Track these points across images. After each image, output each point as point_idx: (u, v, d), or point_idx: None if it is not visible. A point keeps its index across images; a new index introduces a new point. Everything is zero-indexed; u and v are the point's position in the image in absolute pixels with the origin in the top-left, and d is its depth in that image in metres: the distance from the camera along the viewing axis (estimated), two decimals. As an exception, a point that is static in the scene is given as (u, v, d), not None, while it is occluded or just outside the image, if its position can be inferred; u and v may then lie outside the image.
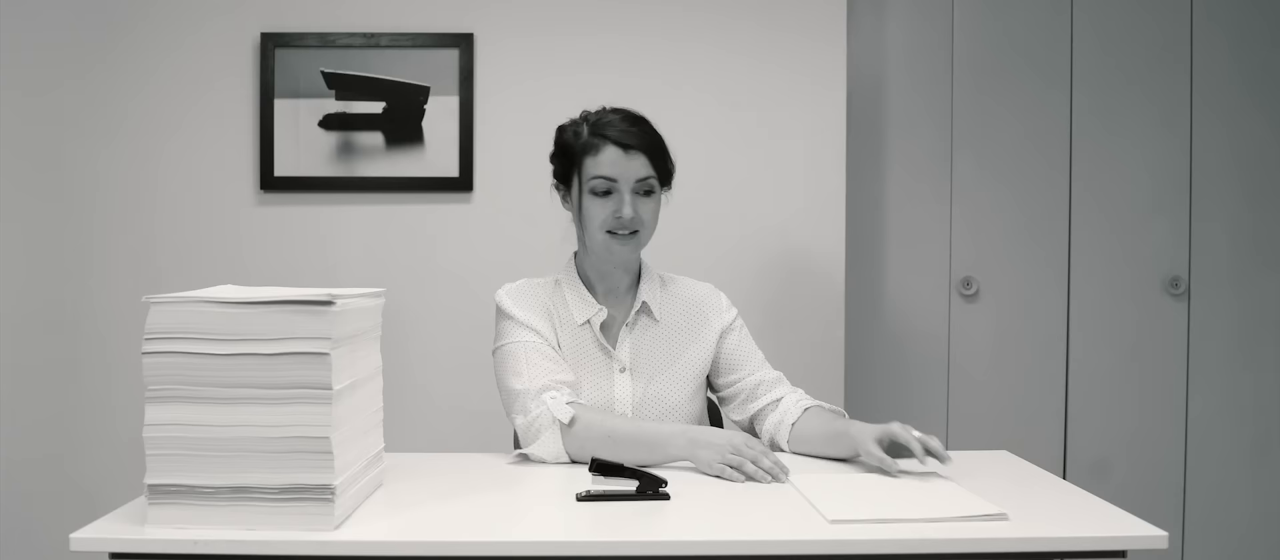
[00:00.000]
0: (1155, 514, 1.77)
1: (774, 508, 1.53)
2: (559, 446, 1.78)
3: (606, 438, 1.76)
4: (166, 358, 1.34)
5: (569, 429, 1.78)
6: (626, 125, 1.93)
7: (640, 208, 1.92)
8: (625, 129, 1.93)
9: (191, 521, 1.34)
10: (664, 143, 1.98)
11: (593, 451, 1.69)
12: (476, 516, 1.49)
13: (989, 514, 1.43)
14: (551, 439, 1.78)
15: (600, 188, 1.92)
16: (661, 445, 1.75)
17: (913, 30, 3.19)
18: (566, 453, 1.78)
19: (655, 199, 1.95)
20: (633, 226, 1.92)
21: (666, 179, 1.98)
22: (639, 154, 1.91)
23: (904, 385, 3.21)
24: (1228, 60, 3.17)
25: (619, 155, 1.91)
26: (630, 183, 1.91)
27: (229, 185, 2.88)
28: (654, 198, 1.95)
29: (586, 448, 1.74)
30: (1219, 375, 3.19)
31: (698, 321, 2.04)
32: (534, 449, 1.79)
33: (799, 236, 2.93)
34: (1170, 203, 3.18)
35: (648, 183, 1.93)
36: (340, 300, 1.36)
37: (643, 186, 1.92)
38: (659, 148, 1.96)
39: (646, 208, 1.93)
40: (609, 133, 1.92)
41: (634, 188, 1.91)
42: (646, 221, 1.94)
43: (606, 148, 1.91)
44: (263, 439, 1.34)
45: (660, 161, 1.95)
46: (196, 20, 2.87)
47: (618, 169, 1.91)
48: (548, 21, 2.90)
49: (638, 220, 1.92)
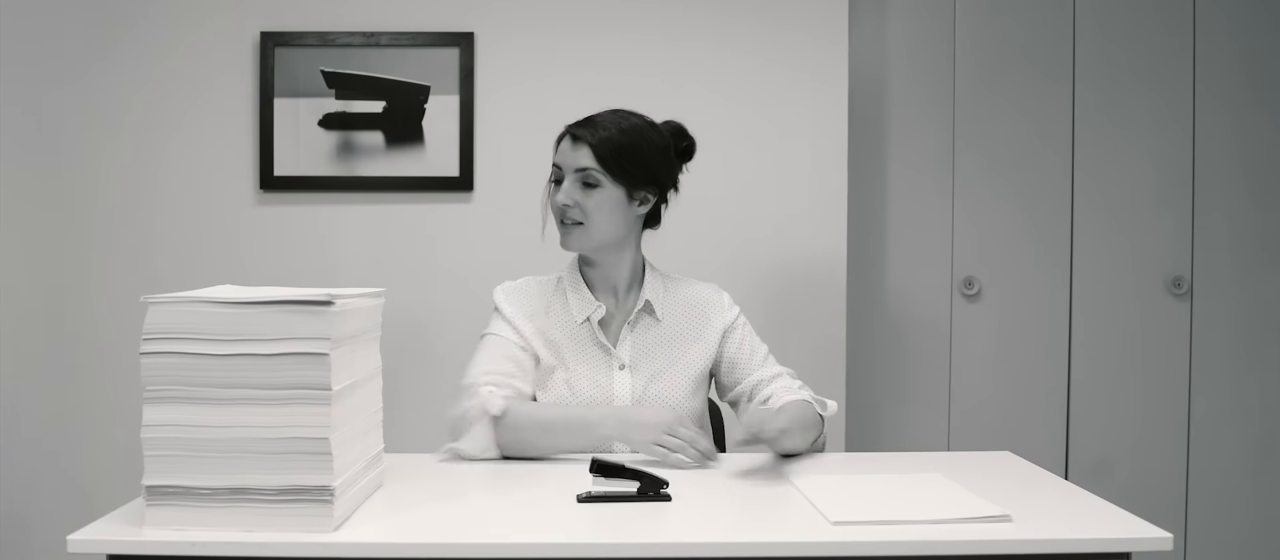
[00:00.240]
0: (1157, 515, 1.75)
1: (776, 509, 1.52)
2: (489, 440, 1.79)
3: (538, 426, 1.80)
4: (165, 358, 1.33)
5: (501, 421, 1.79)
6: (590, 118, 1.96)
7: (578, 196, 1.93)
8: (585, 121, 1.95)
9: (189, 523, 1.33)
10: (632, 147, 1.93)
11: (527, 442, 1.77)
12: (477, 518, 1.48)
13: (992, 515, 1.42)
14: (481, 432, 1.79)
15: (554, 175, 1.97)
16: (593, 427, 1.80)
17: (914, 27, 3.18)
18: (497, 447, 1.80)
19: (601, 194, 1.92)
20: (571, 217, 1.94)
21: (626, 180, 1.94)
22: (583, 145, 1.93)
23: (905, 384, 3.20)
24: (1232, 55, 3.15)
25: (567, 145, 1.95)
26: (571, 171, 1.94)
27: (228, 185, 2.88)
28: (599, 192, 1.92)
29: (520, 439, 1.78)
30: (1222, 375, 3.18)
31: (699, 321, 2.03)
32: (462, 444, 1.80)
33: (800, 235, 2.92)
34: (1174, 200, 3.17)
35: (587, 175, 1.92)
36: (339, 300, 1.35)
37: (582, 177, 1.93)
38: (615, 147, 1.92)
39: (590, 199, 1.93)
40: (573, 126, 1.96)
41: (575, 176, 1.93)
42: (589, 213, 1.93)
43: (564, 138, 1.97)
44: (261, 440, 1.33)
45: (613, 161, 1.91)
46: (196, 19, 2.86)
47: (564, 158, 1.95)
48: (548, 20, 2.89)
49: (578, 210, 1.93)
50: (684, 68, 2.90)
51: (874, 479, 1.67)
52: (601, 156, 1.92)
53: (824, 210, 2.91)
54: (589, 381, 1.95)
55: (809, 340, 2.88)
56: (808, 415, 1.87)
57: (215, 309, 1.33)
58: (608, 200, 1.94)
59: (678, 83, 2.88)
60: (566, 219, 1.95)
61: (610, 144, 1.92)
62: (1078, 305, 3.18)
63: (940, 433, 3.20)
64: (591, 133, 1.93)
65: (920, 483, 1.63)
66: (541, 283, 2.04)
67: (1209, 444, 3.18)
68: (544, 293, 2.02)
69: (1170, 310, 3.17)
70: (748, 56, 2.91)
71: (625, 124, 1.95)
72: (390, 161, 2.86)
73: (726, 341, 2.03)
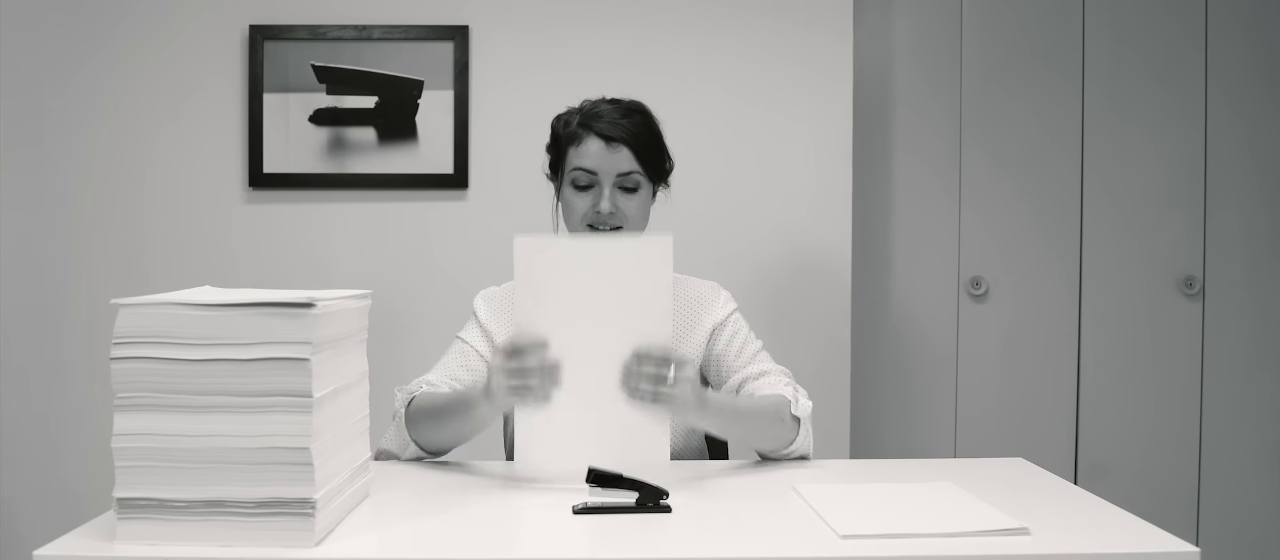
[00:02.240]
0: (1169, 520, 1.74)
1: (782, 521, 1.45)
2: (404, 436, 1.75)
3: (429, 415, 1.72)
4: (136, 363, 1.26)
5: (408, 415, 1.74)
6: (616, 117, 1.87)
7: (622, 203, 1.86)
8: (613, 121, 1.86)
9: (163, 537, 1.26)
10: (658, 138, 1.91)
11: (428, 433, 1.72)
12: (468, 531, 1.41)
13: (1009, 528, 1.36)
14: (397, 430, 1.76)
15: (582, 181, 1.86)
16: (470, 404, 1.63)
17: (920, 22, 3.15)
18: (412, 442, 1.74)
19: (641, 196, 1.88)
20: (613, 222, 1.86)
21: (659, 176, 1.91)
22: (622, 147, 1.84)
23: (911, 387, 3.16)
24: (1244, 52, 3.12)
25: (602, 148, 1.85)
26: (612, 177, 1.85)
27: (216, 183, 2.83)
28: (639, 194, 1.88)
29: (422, 431, 1.73)
30: (1235, 377, 3.14)
31: (691, 321, 1.95)
32: (382, 444, 1.78)
33: (804, 233, 2.87)
34: (1185, 199, 3.13)
35: (631, 178, 1.86)
36: (321, 303, 1.28)
37: (626, 182, 1.86)
38: (649, 143, 1.88)
39: (630, 204, 1.86)
40: (596, 124, 1.86)
41: (615, 182, 1.85)
42: (631, 218, 1.87)
43: (589, 140, 1.86)
44: (238, 449, 1.26)
45: (649, 158, 1.88)
46: (183, 12, 2.82)
47: (599, 162, 1.85)
48: (545, 13, 2.84)
49: (619, 215, 1.85)
50: (685, 61, 2.85)
51: (883, 488, 1.61)
52: (641, 157, 1.86)
53: (828, 208, 2.86)
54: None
55: (813, 342, 2.83)
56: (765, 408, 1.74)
57: (189, 312, 1.26)
58: (644, 201, 1.89)
59: (680, 77, 2.84)
60: (606, 225, 1.86)
61: (646, 144, 1.87)
62: (1087, 305, 3.15)
63: (947, 435, 3.16)
64: (623, 131, 1.84)
65: (932, 492, 1.57)
66: None
67: (1221, 447, 3.14)
68: None
69: (1182, 311, 3.13)
70: (749, 49, 2.86)
71: (640, 114, 1.90)
72: (383, 159, 2.81)
73: (715, 339, 1.94)
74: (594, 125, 1.86)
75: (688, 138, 2.72)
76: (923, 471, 1.79)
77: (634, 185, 1.86)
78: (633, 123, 1.87)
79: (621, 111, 1.88)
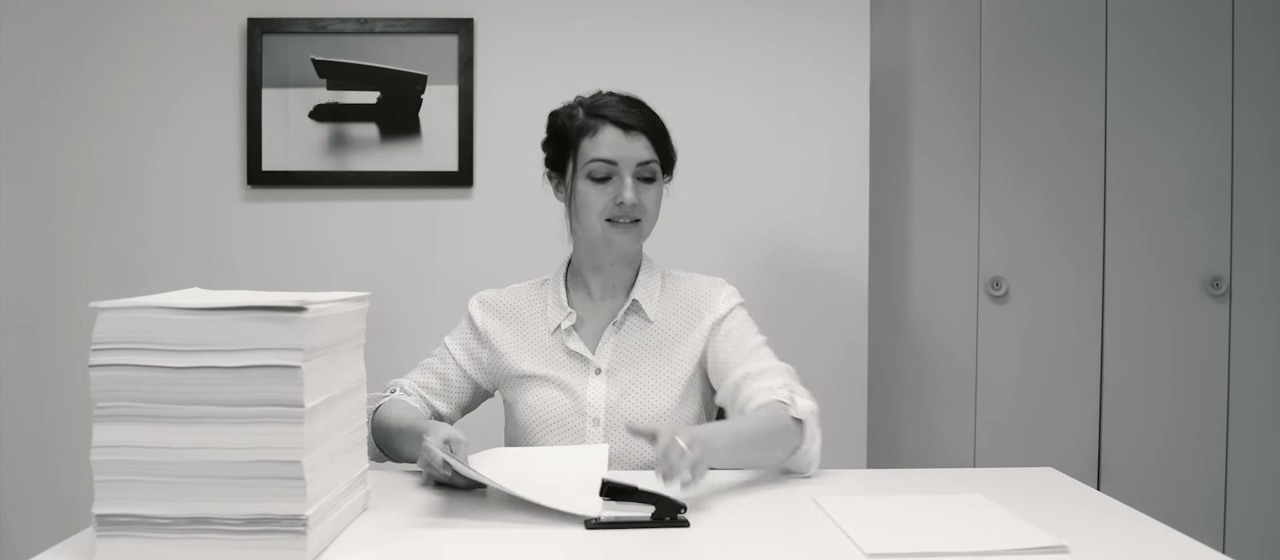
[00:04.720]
0: (1194, 526, 1.68)
1: (805, 538, 1.37)
2: (374, 447, 1.78)
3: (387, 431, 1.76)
4: (117, 371, 1.18)
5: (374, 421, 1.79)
6: (626, 106, 1.81)
7: (642, 194, 1.79)
8: (625, 109, 1.80)
9: (144, 556, 1.18)
10: (665, 126, 1.85)
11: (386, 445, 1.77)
12: (473, 548, 1.32)
13: (1047, 546, 1.28)
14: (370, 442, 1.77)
15: (599, 172, 1.78)
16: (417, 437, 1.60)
17: (939, 17, 3.09)
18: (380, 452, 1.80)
19: (657, 187, 1.83)
20: (634, 214, 1.79)
21: (668, 166, 1.86)
22: (640, 135, 1.79)
23: (930, 391, 3.10)
24: (1271, 49, 3.05)
25: (619, 136, 1.78)
26: (631, 166, 1.78)
27: (215, 181, 2.77)
28: (656, 185, 1.83)
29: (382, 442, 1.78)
30: (1262, 379, 3.07)
31: (691, 319, 1.86)
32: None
33: (820, 233, 2.80)
34: (1210, 199, 3.07)
35: (650, 167, 1.80)
36: (314, 306, 1.20)
37: (645, 171, 1.80)
38: (661, 131, 1.83)
39: (649, 195, 1.81)
40: (608, 113, 1.79)
41: (635, 172, 1.79)
42: (649, 209, 1.81)
43: (605, 128, 1.79)
44: (225, 463, 1.18)
45: (662, 145, 1.83)
46: (179, 6, 2.76)
47: (618, 151, 1.78)
48: (552, 5, 2.78)
49: (640, 207, 1.79)
50: (696, 55, 2.79)
51: (909, 501, 1.54)
52: (658, 145, 1.81)
53: (844, 207, 2.79)
54: (561, 391, 1.81)
55: (829, 346, 2.77)
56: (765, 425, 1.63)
57: (172, 316, 1.18)
58: (659, 193, 1.85)
59: (689, 70, 2.78)
60: (628, 217, 1.79)
61: (659, 132, 1.83)
62: (1110, 307, 3.08)
63: (966, 440, 3.10)
64: (638, 118, 1.80)
65: (961, 506, 1.49)
66: (522, 290, 1.92)
67: (1248, 452, 3.07)
68: (528, 301, 1.90)
69: (1208, 312, 3.07)
70: (763, 43, 2.79)
71: (644, 104, 1.85)
72: (385, 155, 2.74)
73: (714, 337, 1.84)
74: (607, 113, 1.79)
75: (698, 134, 2.66)
76: (949, 482, 1.72)
77: (651, 175, 1.81)
78: (643, 111, 1.83)
79: (628, 101, 1.84)
